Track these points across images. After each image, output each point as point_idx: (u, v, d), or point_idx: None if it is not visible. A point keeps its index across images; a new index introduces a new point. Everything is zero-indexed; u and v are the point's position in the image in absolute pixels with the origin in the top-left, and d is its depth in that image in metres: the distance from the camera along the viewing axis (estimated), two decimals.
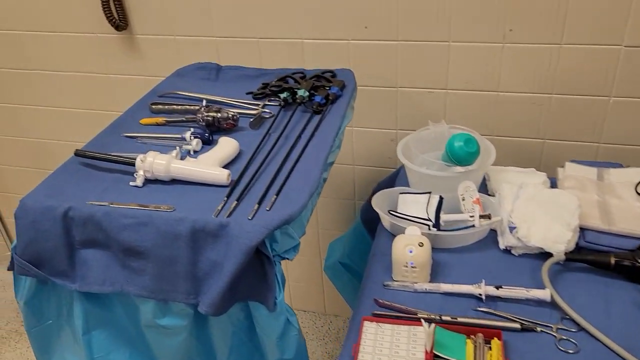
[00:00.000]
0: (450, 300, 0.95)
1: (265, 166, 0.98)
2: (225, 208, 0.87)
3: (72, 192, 0.92)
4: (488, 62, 1.35)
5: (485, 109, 1.42)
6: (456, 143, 1.08)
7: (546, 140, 1.42)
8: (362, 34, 1.39)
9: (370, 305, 0.95)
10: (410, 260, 0.96)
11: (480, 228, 1.03)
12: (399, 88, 1.45)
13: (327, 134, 1.06)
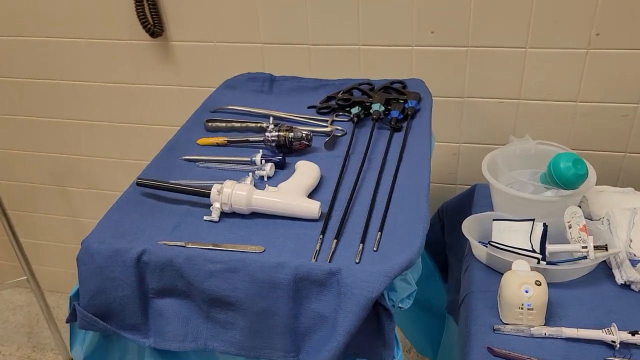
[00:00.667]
0: (575, 347, 0.83)
1: (356, 195, 0.85)
2: (324, 249, 0.74)
3: (139, 230, 0.79)
4: (568, 69, 1.23)
5: (560, 121, 1.30)
6: (562, 164, 0.95)
7: (627, 154, 1.31)
8: (427, 40, 1.27)
9: (482, 354, 0.83)
10: (527, 302, 0.84)
11: (595, 261, 0.91)
12: (466, 98, 1.33)
13: (420, 156, 0.93)
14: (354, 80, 1.21)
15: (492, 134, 1.35)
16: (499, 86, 1.29)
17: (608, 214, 0.98)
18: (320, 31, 1.31)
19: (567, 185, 0.96)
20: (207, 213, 0.82)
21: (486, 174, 1.07)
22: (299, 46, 1.35)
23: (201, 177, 0.91)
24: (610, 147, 1.30)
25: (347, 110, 1.10)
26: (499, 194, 1.07)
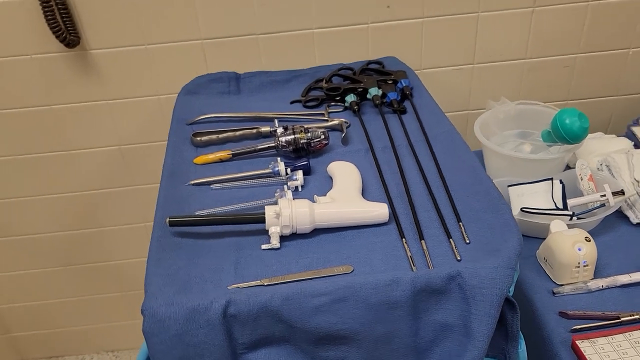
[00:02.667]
0: (631, 292, 0.87)
1: (406, 189, 0.79)
2: (414, 253, 0.68)
3: (200, 278, 0.65)
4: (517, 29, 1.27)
5: (511, 79, 1.35)
6: (568, 119, 0.98)
7: (568, 101, 1.40)
8: (384, 15, 1.23)
9: (556, 320, 0.83)
10: (582, 260, 0.86)
11: (615, 207, 0.96)
12: (423, 70, 1.32)
13: (447, 134, 0.89)
14: (329, 67, 1.14)
15: (451, 102, 1.36)
16: (454, 54, 1.30)
17: (606, 159, 1.04)
18: (269, 19, 1.20)
19: (575, 139, 0.99)
20: (261, 241, 0.71)
21: (482, 139, 1.07)
22: (247, 37, 1.22)
23: (223, 201, 0.79)
24: (555, 97, 1.38)
25: (339, 100, 1.03)
26: (499, 158, 1.08)
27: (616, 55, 1.32)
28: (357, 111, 0.98)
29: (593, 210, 0.97)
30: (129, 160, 1.35)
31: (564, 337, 0.80)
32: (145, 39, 1.20)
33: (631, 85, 1.36)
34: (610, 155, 1.03)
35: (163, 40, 1.20)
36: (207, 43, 1.21)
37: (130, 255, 1.52)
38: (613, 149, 1.08)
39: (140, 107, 1.28)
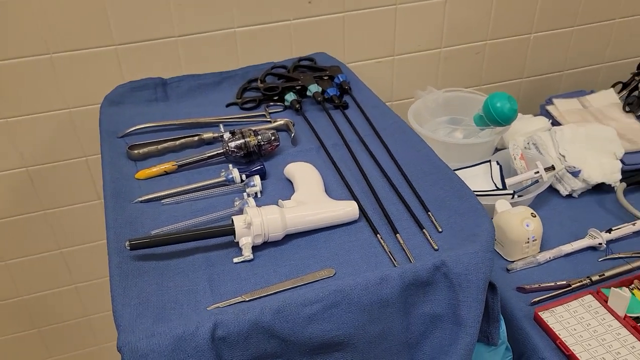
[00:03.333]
0: (573, 260, 0.93)
1: (369, 184, 0.78)
2: (391, 248, 0.67)
3: (176, 302, 0.59)
4: (433, 19, 1.31)
5: (429, 68, 1.39)
6: (499, 103, 1.03)
7: (481, 86, 1.48)
8: (305, 11, 1.21)
9: (514, 296, 0.87)
10: (531, 235, 0.90)
11: (549, 182, 1.02)
12: (348, 64, 1.32)
13: (396, 125, 0.90)
14: (258, 66, 1.10)
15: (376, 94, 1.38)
16: (375, 46, 1.31)
17: (533, 138, 1.10)
18: (187, 20, 1.14)
19: (506, 121, 1.04)
20: (232, 254, 0.67)
21: (419, 128, 1.09)
22: (165, 41, 1.15)
23: (178, 216, 0.73)
24: (470, 83, 1.45)
25: (277, 99, 1.00)
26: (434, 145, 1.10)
27: (520, 41, 1.41)
28: (299, 109, 0.95)
29: (528, 187, 1.02)
30: (39, 183, 1.22)
31: (525, 311, 0.84)
32: (51, 47, 1.08)
33: (534, 67, 1.46)
34: (536, 134, 1.10)
35: (71, 48, 1.10)
36: (122, 49, 1.12)
37: (47, 286, 1.38)
38: (534, 128, 1.15)
39: (47, 123, 1.16)
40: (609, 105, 1.22)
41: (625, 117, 1.19)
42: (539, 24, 1.38)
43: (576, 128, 1.08)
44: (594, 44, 1.46)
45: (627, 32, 1.46)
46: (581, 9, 1.39)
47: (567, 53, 1.46)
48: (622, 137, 1.11)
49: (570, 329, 0.79)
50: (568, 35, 1.43)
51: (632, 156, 1.08)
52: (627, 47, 1.49)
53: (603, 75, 1.52)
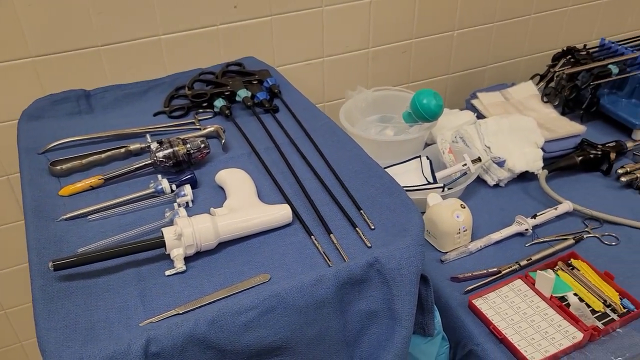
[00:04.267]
0: (502, 247, 0.97)
1: (301, 186, 0.78)
2: (326, 249, 0.68)
3: (106, 321, 0.57)
4: (359, 20, 1.33)
5: (358, 68, 1.41)
6: (425, 99, 1.06)
7: (410, 84, 1.51)
8: (232, 16, 1.20)
9: (449, 286, 0.90)
10: (462, 225, 0.93)
11: (476, 173, 1.06)
12: (277, 67, 1.32)
13: (326, 126, 0.90)
14: (186, 73, 1.08)
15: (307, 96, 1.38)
16: (304, 49, 1.32)
17: (459, 132, 1.14)
18: (110, 28, 1.10)
19: (433, 117, 1.08)
20: (163, 267, 0.65)
21: (350, 128, 1.11)
22: (87, 50, 1.11)
23: (106, 232, 0.71)
24: (399, 81, 1.48)
25: (206, 106, 0.98)
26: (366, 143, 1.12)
27: (444, 38, 1.45)
28: (229, 115, 0.94)
29: (458, 179, 1.06)
30: None
31: (459, 300, 0.87)
32: None
33: (459, 63, 1.51)
34: (463, 128, 1.14)
35: None
36: (40, 61, 1.08)
37: None
38: (461, 122, 1.19)
39: None
40: (528, 96, 1.28)
41: (543, 107, 1.25)
42: (460, 22, 1.43)
43: (499, 120, 1.13)
44: (513, 39, 1.53)
45: (542, 26, 1.54)
46: (499, 5, 1.45)
47: (489, 48, 1.52)
48: (541, 126, 1.17)
49: (502, 314, 0.82)
50: (488, 32, 1.49)
51: (552, 144, 1.14)
52: (543, 40, 1.57)
53: (523, 68, 1.59)
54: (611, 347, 0.78)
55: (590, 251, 0.94)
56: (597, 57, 1.27)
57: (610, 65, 1.22)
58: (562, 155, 1.13)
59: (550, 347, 0.77)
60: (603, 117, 1.26)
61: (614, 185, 1.09)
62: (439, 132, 1.18)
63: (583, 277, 0.87)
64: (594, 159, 1.11)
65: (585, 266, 0.89)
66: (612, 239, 0.97)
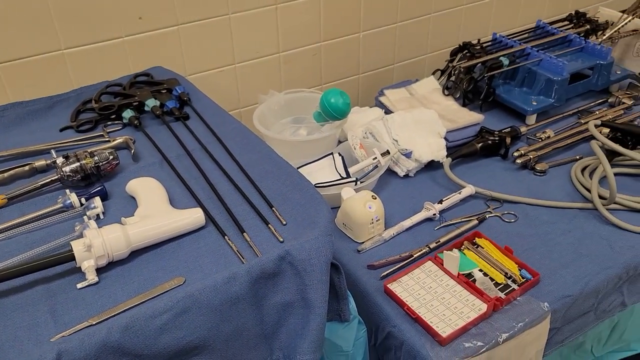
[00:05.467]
0: (415, 232, 1.02)
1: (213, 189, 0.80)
2: (240, 247, 0.70)
3: (15, 339, 0.56)
4: (267, 26, 1.36)
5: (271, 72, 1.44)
6: (333, 98, 1.10)
7: (322, 86, 1.56)
8: (138, 27, 1.19)
9: (366, 273, 0.94)
10: (374, 215, 0.98)
11: (386, 165, 1.11)
12: (189, 76, 1.32)
13: (236, 130, 0.93)
14: (94, 86, 1.06)
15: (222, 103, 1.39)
16: (215, 56, 1.33)
17: (368, 128, 1.19)
18: (8, 43, 1.07)
19: (341, 115, 1.12)
20: (76, 280, 0.65)
21: (266, 131, 1.14)
22: None
23: (13, 251, 0.69)
24: (312, 83, 1.53)
25: (115, 118, 0.98)
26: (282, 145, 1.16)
27: (351, 40, 1.51)
28: (138, 125, 0.94)
29: (370, 173, 1.11)
30: None
31: (376, 285, 0.91)
32: None
33: (368, 63, 1.57)
34: (371, 124, 1.19)
35: None
36: None
37: None
38: (371, 119, 1.25)
39: None
40: (431, 90, 1.35)
41: (445, 99, 1.33)
42: (365, 24, 1.49)
43: (404, 114, 1.19)
44: (416, 38, 1.61)
45: (441, 25, 1.63)
46: (400, 7, 1.52)
47: (394, 48, 1.59)
48: (443, 117, 1.24)
49: (415, 295, 0.88)
50: (392, 32, 1.56)
51: (454, 134, 1.22)
52: (444, 38, 1.66)
53: (427, 65, 1.68)
54: (513, 314, 0.85)
55: (492, 229, 1.02)
56: (490, 50, 1.37)
57: (501, 58, 1.31)
58: (464, 143, 1.21)
59: (459, 321, 0.82)
60: (499, 105, 1.36)
61: (512, 167, 1.18)
62: (350, 129, 1.23)
63: (486, 254, 0.94)
64: (492, 145, 1.19)
65: (488, 243, 0.96)
66: (511, 217, 1.05)
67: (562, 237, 0.99)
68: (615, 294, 0.96)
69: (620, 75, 1.40)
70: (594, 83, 1.37)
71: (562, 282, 0.90)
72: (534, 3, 1.80)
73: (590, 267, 0.92)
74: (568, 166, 1.17)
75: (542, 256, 0.95)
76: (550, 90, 1.30)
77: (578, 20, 1.52)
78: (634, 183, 1.12)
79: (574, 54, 1.39)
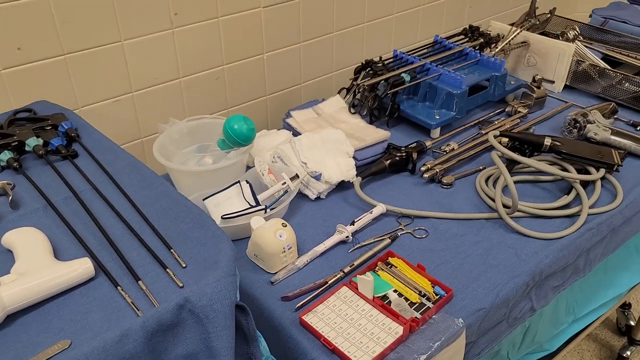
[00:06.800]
0: (329, 256, 1.00)
1: (105, 235, 0.73)
2: (135, 297, 0.64)
3: None
4: (163, 51, 1.30)
5: (173, 99, 1.38)
6: (236, 125, 1.06)
7: (229, 109, 1.52)
8: (17, 58, 1.10)
9: (280, 305, 0.90)
10: (286, 243, 0.95)
11: (296, 189, 1.08)
12: (81, 109, 1.24)
13: (130, 165, 0.86)
14: None
15: (122, 134, 1.32)
16: (109, 85, 1.26)
17: (276, 152, 1.16)
18: None
19: (246, 141, 1.08)
20: None
21: (166, 162, 1.08)
22: None
23: None
24: (218, 108, 1.48)
25: None
26: (186, 176, 1.10)
27: (255, 61, 1.48)
28: (18, 168, 0.86)
29: (280, 199, 1.08)
30: None
31: (291, 318, 0.88)
32: None
33: (275, 84, 1.55)
34: (279, 147, 1.16)
35: None
36: None
37: None
38: (279, 142, 1.22)
39: None
40: (338, 109, 1.35)
41: (352, 118, 1.33)
42: (268, 44, 1.47)
43: (312, 136, 1.17)
44: (321, 56, 1.61)
45: (345, 43, 1.64)
46: (302, 26, 1.52)
47: (300, 67, 1.58)
48: (351, 136, 1.24)
49: (331, 324, 0.85)
50: (296, 51, 1.55)
51: (362, 152, 1.22)
52: (348, 56, 1.67)
53: (335, 83, 1.69)
54: (429, 333, 0.84)
55: (405, 247, 1.01)
56: (392, 67, 1.39)
57: (402, 74, 1.33)
58: (374, 160, 1.21)
59: (376, 347, 0.81)
60: (406, 120, 1.38)
61: (420, 181, 1.19)
62: (257, 155, 1.20)
63: (400, 273, 0.94)
64: (399, 161, 1.20)
65: (401, 262, 0.96)
66: (423, 232, 1.05)
67: (471, 248, 1.01)
68: (525, 301, 0.98)
69: (515, 85, 1.47)
70: (491, 94, 1.42)
71: (474, 295, 0.91)
72: (432, 18, 1.86)
73: (500, 278, 0.94)
74: (473, 177, 1.20)
75: (454, 270, 0.96)
76: (451, 103, 1.33)
77: (472, 34, 1.58)
78: (534, 189, 1.17)
79: (471, 67, 1.44)
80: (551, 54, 1.51)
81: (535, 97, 1.42)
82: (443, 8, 1.89)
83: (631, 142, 1.24)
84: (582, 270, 1.10)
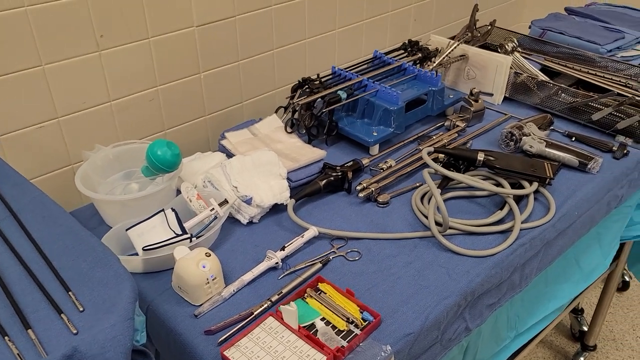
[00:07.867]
0: (257, 285, 0.97)
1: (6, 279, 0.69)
2: (23, 348, 0.59)
3: None
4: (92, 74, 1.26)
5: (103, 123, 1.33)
6: (159, 151, 1.03)
7: (166, 131, 1.47)
8: None
9: (203, 340, 0.86)
10: (209, 274, 0.91)
11: (225, 215, 1.05)
12: (1, 136, 1.18)
13: (37, 200, 0.81)
14: None
15: (48, 162, 1.26)
16: (32, 111, 1.20)
17: (207, 176, 1.12)
18: None
19: (171, 167, 1.05)
20: None
21: (88, 192, 1.03)
22: None
23: None
24: (154, 130, 1.43)
25: None
26: (110, 205, 1.06)
27: (191, 81, 1.44)
28: None
29: (210, 225, 1.04)
30: None
31: (214, 353, 0.84)
32: None
33: (214, 104, 1.52)
34: (209, 172, 1.13)
35: None
36: None
37: None
38: (212, 165, 1.19)
39: None
40: (274, 129, 1.32)
41: (289, 137, 1.30)
42: (204, 63, 1.44)
43: (243, 158, 1.14)
44: (261, 74, 1.58)
45: (286, 60, 1.62)
46: (239, 44, 1.49)
47: (240, 85, 1.55)
48: (287, 156, 1.21)
49: (254, 358, 0.82)
50: (235, 70, 1.52)
51: (296, 173, 1.19)
52: (290, 72, 1.65)
53: (277, 102, 1.66)
54: None
55: (336, 271, 0.99)
56: (329, 84, 1.37)
57: (339, 91, 1.32)
58: (309, 181, 1.19)
59: None
60: (345, 138, 1.36)
61: (356, 201, 1.17)
62: (190, 179, 1.16)
63: (329, 299, 0.91)
64: (335, 180, 1.18)
65: (330, 288, 0.93)
66: (355, 254, 1.03)
67: (403, 270, 0.99)
68: (458, 321, 0.97)
69: (453, 99, 1.47)
70: (430, 108, 1.42)
71: (403, 319, 0.89)
72: (375, 33, 1.86)
73: (430, 299, 0.92)
74: (410, 194, 1.19)
75: (384, 293, 0.94)
76: (388, 119, 1.32)
77: (412, 48, 1.58)
78: (470, 205, 1.16)
79: (409, 82, 1.44)
80: (489, 66, 1.52)
81: (473, 111, 1.42)
82: (387, 22, 1.89)
83: (565, 154, 1.24)
84: (518, 286, 1.09)
